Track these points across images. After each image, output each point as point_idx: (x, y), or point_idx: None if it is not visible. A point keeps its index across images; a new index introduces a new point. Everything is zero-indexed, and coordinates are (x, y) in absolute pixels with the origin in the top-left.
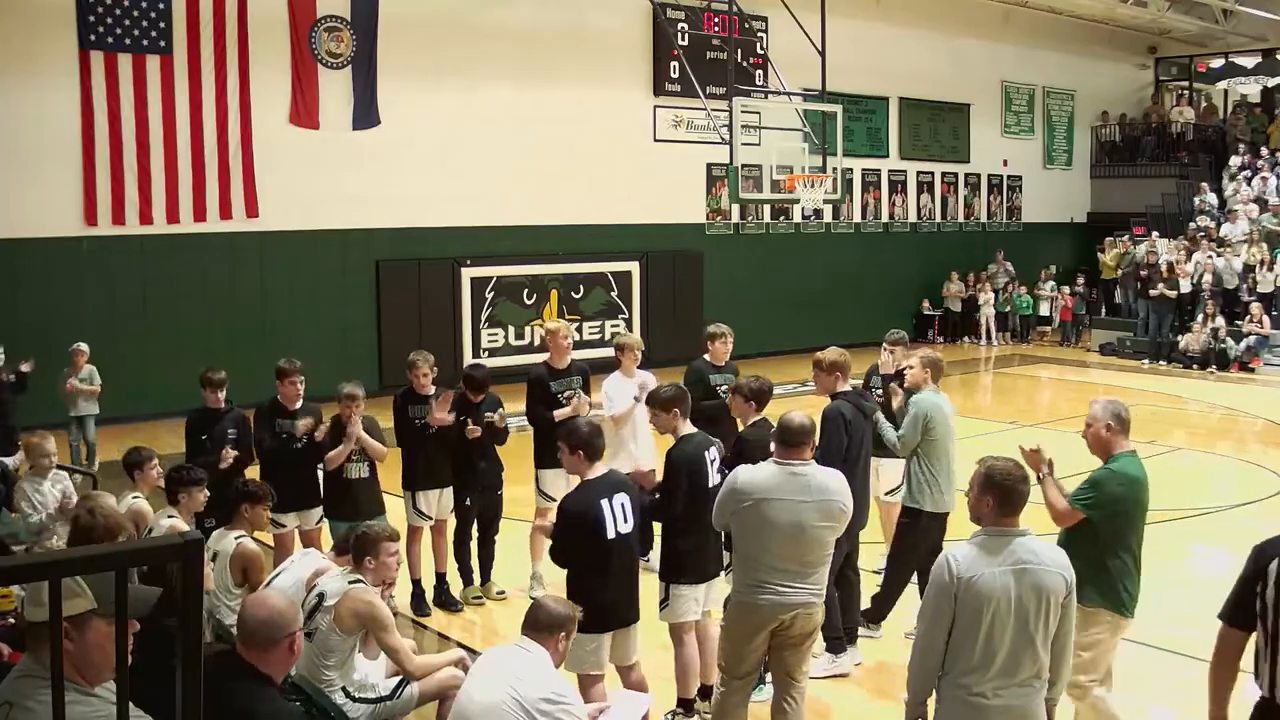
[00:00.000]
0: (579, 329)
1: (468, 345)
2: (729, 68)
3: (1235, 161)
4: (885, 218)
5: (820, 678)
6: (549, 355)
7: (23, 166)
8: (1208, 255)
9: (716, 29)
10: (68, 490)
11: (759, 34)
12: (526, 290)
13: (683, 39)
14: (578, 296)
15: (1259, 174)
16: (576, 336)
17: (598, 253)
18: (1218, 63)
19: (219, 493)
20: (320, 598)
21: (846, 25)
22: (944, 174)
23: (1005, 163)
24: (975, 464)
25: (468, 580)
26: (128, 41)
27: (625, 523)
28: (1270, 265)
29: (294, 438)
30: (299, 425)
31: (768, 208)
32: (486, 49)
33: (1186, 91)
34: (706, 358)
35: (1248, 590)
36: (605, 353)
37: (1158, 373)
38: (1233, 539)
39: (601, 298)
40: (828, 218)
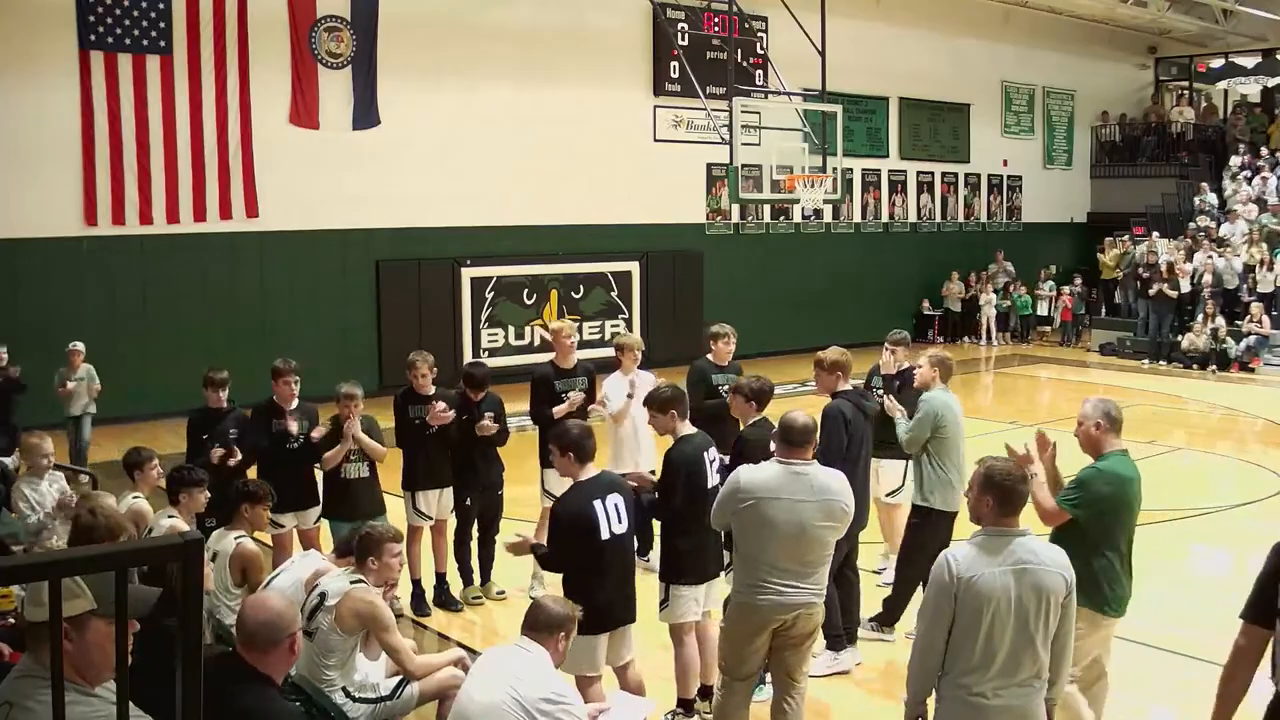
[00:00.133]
0: (579, 329)
1: (468, 345)
2: (729, 68)
3: (1235, 161)
4: (885, 218)
5: (821, 676)
6: (554, 355)
7: (23, 166)
8: (1208, 255)
9: (716, 29)
10: (65, 489)
11: (759, 34)
12: (526, 290)
13: (683, 39)
14: (578, 296)
15: (1259, 174)
16: (579, 336)
17: (598, 253)
18: (1218, 63)
19: (219, 493)
20: (322, 597)
21: (846, 25)
22: (944, 174)
23: (1005, 163)
24: (974, 464)
25: (468, 580)
26: (128, 41)
27: (619, 523)
28: (1270, 265)
29: (289, 437)
30: (289, 425)
31: (768, 208)
32: (486, 49)
33: (1186, 91)
34: (709, 357)
35: (1269, 587)
36: (605, 353)
37: (1158, 373)
38: (1233, 539)
39: (601, 298)
40: (828, 218)
